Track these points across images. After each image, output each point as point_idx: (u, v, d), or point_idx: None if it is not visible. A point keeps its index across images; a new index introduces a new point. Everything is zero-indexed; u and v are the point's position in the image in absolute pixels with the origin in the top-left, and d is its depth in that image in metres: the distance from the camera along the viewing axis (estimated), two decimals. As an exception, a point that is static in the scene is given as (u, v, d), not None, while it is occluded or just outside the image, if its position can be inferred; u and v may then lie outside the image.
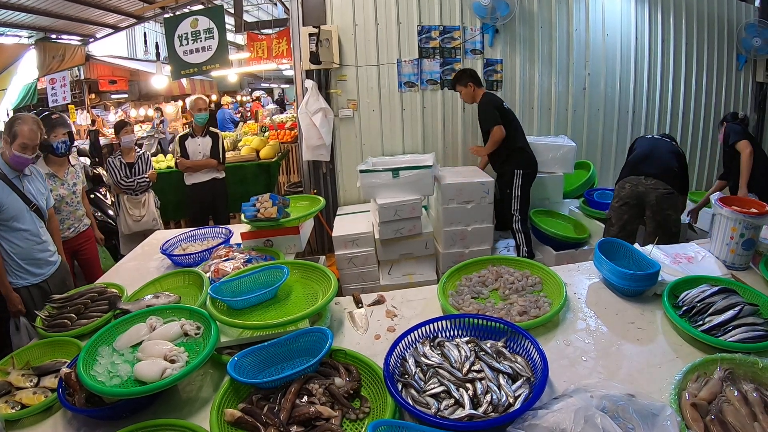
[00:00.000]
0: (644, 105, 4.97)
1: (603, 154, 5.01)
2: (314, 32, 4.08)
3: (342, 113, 4.51)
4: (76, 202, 3.11)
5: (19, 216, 2.33)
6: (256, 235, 2.44)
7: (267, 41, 6.63)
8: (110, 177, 4.05)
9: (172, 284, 2.06)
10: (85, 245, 3.20)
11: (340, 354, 1.43)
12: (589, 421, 0.99)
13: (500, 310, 1.66)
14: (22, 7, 5.80)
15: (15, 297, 2.31)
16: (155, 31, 10.78)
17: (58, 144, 2.94)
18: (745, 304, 1.50)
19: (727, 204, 1.97)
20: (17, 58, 6.62)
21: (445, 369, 1.27)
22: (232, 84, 13.02)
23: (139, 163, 4.07)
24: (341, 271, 3.50)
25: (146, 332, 1.50)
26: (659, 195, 2.99)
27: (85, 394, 1.33)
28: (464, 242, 3.50)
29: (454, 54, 4.50)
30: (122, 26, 8.13)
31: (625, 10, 4.74)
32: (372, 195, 3.44)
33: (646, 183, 3.04)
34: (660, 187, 3.00)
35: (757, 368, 1.22)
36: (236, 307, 1.64)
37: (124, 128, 4.09)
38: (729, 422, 1.08)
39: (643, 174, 3.08)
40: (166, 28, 4.68)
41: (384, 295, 1.91)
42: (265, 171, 5.42)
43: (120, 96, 10.89)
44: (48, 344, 1.70)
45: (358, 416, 1.22)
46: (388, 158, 4.16)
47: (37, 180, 2.54)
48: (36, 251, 2.42)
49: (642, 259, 1.86)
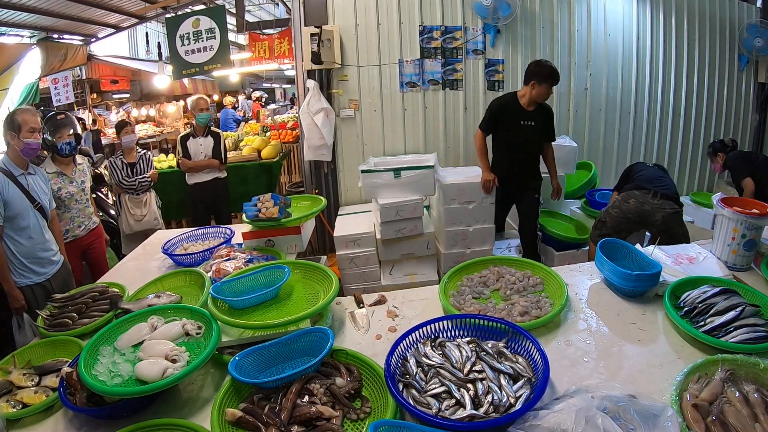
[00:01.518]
0: (646, 105, 4.96)
1: (604, 154, 5.00)
2: (316, 32, 4.08)
3: (343, 113, 4.51)
4: (86, 200, 3.13)
5: (23, 214, 2.35)
6: (258, 235, 2.44)
7: (268, 41, 6.63)
8: (112, 177, 4.06)
9: (173, 284, 2.06)
10: (95, 243, 3.21)
11: (341, 354, 1.43)
12: (590, 422, 0.99)
13: (501, 311, 1.66)
14: (24, 7, 5.81)
15: (18, 294, 2.33)
16: (157, 31, 10.81)
17: (62, 145, 2.95)
18: (747, 305, 1.50)
19: (729, 205, 1.97)
20: (19, 58, 6.62)
21: (446, 369, 1.27)
22: (233, 84, 13.03)
23: (141, 162, 4.08)
24: (342, 271, 3.50)
25: (147, 332, 1.50)
26: (666, 215, 2.95)
27: (86, 393, 1.33)
28: (465, 242, 3.50)
29: (456, 54, 4.49)
30: (124, 26, 8.14)
31: (626, 10, 4.73)
32: (373, 195, 3.44)
33: (653, 202, 3.00)
34: (667, 207, 2.96)
35: (759, 369, 1.22)
36: (237, 307, 1.64)
37: (125, 128, 4.10)
38: (730, 423, 1.08)
39: (651, 192, 3.03)
40: (168, 27, 4.68)
41: (385, 295, 1.91)
42: (267, 171, 5.43)
43: (122, 96, 10.91)
44: (49, 343, 1.71)
45: (359, 416, 1.22)
46: (389, 158, 4.15)
47: (41, 180, 2.56)
48: (39, 250, 2.44)
49: (643, 259, 1.86)
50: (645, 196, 3.04)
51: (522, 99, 3.35)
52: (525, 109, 3.35)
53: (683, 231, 3.00)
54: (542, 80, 3.23)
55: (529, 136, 3.38)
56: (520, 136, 3.38)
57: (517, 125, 3.36)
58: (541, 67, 3.27)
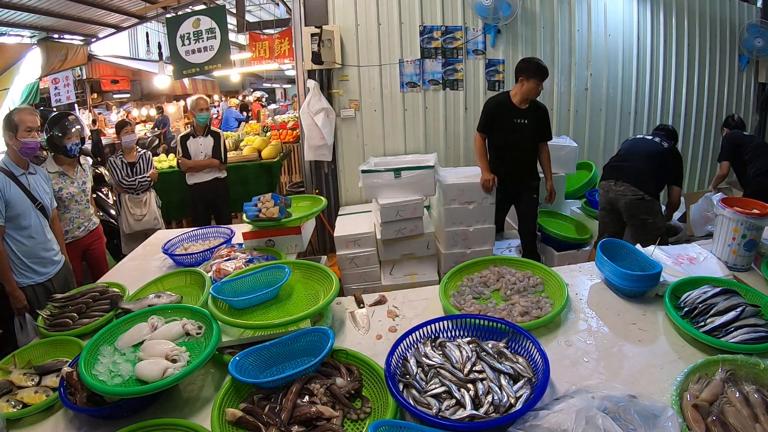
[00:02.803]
0: (646, 105, 4.96)
1: (605, 154, 4.98)
2: (316, 32, 4.08)
3: (344, 113, 4.51)
4: (86, 201, 3.13)
5: (25, 214, 2.35)
6: (258, 235, 2.44)
7: (269, 41, 6.63)
8: (112, 176, 4.07)
9: (173, 284, 2.06)
10: (94, 244, 3.21)
11: (341, 354, 1.43)
12: (591, 422, 0.99)
13: (502, 311, 1.66)
14: (25, 7, 5.82)
15: (20, 294, 2.33)
16: (157, 31, 10.81)
17: (71, 146, 2.97)
18: (747, 305, 1.50)
19: (729, 205, 1.97)
20: (19, 58, 6.62)
21: (446, 369, 1.27)
22: (233, 84, 13.03)
23: (141, 162, 4.09)
24: (343, 271, 3.50)
25: (148, 332, 1.50)
26: (628, 201, 2.95)
27: (86, 393, 1.33)
28: (466, 242, 3.49)
29: (456, 54, 4.50)
30: (124, 26, 8.15)
31: (627, 10, 4.73)
32: (374, 195, 3.44)
33: (615, 189, 3.02)
34: (629, 194, 2.95)
35: (759, 369, 1.22)
36: (238, 307, 1.64)
37: (125, 128, 4.10)
38: (730, 423, 1.07)
39: (613, 179, 3.05)
40: (168, 27, 4.68)
41: (385, 296, 1.91)
42: (267, 171, 5.43)
43: (122, 96, 10.93)
44: (49, 343, 1.71)
45: (359, 416, 1.22)
46: (389, 158, 4.15)
47: (42, 179, 2.56)
48: (41, 250, 2.44)
49: (644, 260, 1.86)
50: (608, 183, 3.08)
51: (514, 98, 3.36)
52: (518, 107, 3.35)
53: (654, 222, 2.95)
54: (530, 75, 3.24)
55: (523, 134, 3.39)
56: (515, 135, 3.38)
57: (512, 123, 3.36)
58: (528, 63, 3.29)
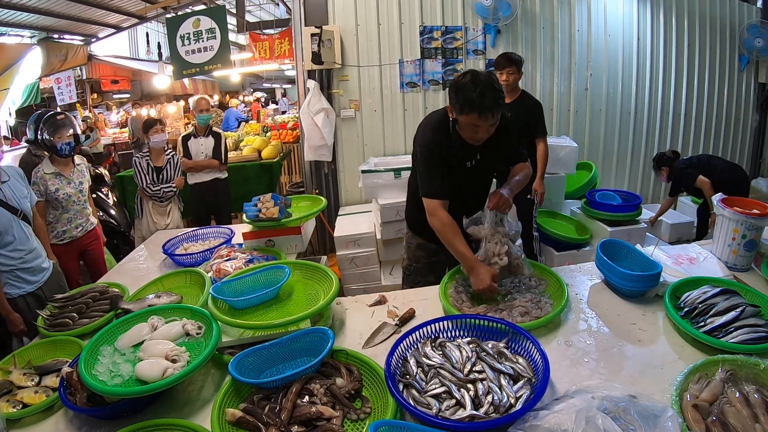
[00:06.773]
0: (646, 106, 4.96)
1: (605, 154, 5.00)
2: (316, 32, 4.08)
3: (344, 113, 4.51)
4: (83, 201, 3.08)
5: (7, 229, 2.21)
6: (258, 235, 2.44)
7: (269, 41, 6.63)
8: (135, 177, 3.72)
9: (173, 284, 2.06)
10: (92, 244, 3.17)
11: (341, 354, 1.43)
12: (591, 422, 0.99)
13: (502, 311, 1.66)
14: (25, 7, 5.83)
15: (16, 318, 2.18)
16: (157, 31, 10.81)
17: (62, 146, 2.89)
18: (747, 305, 1.50)
19: (729, 205, 1.97)
20: (20, 58, 6.63)
21: (446, 369, 1.27)
22: (234, 84, 13.03)
23: (168, 168, 3.74)
24: (343, 271, 3.50)
25: (148, 332, 1.50)
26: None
27: (86, 393, 1.33)
28: (466, 243, 3.49)
29: (456, 54, 4.50)
30: (124, 26, 8.16)
31: (627, 10, 4.74)
32: (374, 195, 3.44)
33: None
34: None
35: (759, 369, 1.21)
36: (238, 307, 1.64)
37: (154, 126, 3.64)
38: (730, 423, 1.07)
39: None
40: (168, 28, 4.68)
41: (385, 296, 1.91)
42: (267, 171, 5.42)
43: (122, 96, 10.94)
44: (49, 343, 1.70)
45: (359, 416, 1.22)
46: (389, 158, 4.16)
47: (16, 181, 2.36)
48: (29, 259, 2.31)
49: (644, 260, 1.86)
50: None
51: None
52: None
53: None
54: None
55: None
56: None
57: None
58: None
